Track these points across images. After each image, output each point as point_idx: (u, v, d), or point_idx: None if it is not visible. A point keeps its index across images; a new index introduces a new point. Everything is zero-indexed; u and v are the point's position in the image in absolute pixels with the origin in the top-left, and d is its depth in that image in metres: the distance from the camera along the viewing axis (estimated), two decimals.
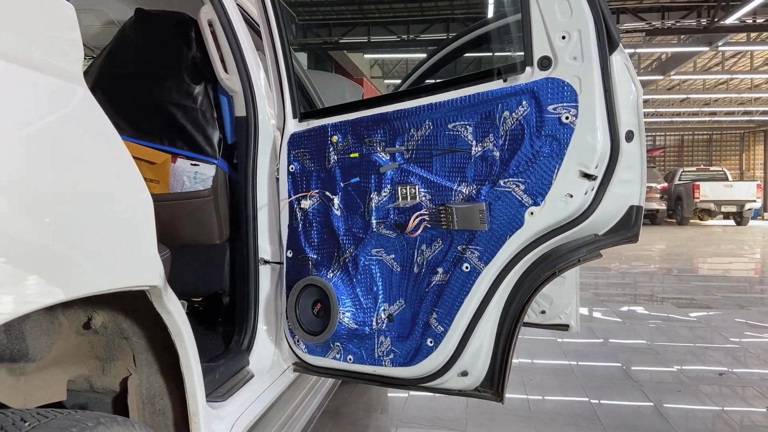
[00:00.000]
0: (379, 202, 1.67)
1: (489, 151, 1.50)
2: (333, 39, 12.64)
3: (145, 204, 1.04)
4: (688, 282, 7.41)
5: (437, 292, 1.60)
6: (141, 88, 2.00)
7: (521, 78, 1.45)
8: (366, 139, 1.69)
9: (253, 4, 2.30)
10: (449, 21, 12.20)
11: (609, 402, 3.18)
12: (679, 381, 3.52)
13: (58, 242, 0.83)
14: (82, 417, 0.87)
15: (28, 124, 0.82)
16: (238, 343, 1.88)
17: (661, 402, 3.16)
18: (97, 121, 0.96)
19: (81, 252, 0.87)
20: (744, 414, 3.01)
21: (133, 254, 1.00)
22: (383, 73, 18.55)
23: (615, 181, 1.40)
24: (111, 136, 1.00)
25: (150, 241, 1.05)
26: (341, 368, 1.77)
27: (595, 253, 1.48)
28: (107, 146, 0.98)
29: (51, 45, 0.91)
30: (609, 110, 1.36)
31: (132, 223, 1.00)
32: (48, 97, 0.88)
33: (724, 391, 3.36)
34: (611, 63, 1.35)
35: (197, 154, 1.98)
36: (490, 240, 1.50)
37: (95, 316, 1.20)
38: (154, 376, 1.30)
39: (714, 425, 2.87)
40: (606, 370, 3.77)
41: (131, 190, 1.02)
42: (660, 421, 2.90)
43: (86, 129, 0.94)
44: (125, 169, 1.01)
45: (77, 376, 1.31)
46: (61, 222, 0.84)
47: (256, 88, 1.91)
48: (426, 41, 12.46)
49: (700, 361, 3.94)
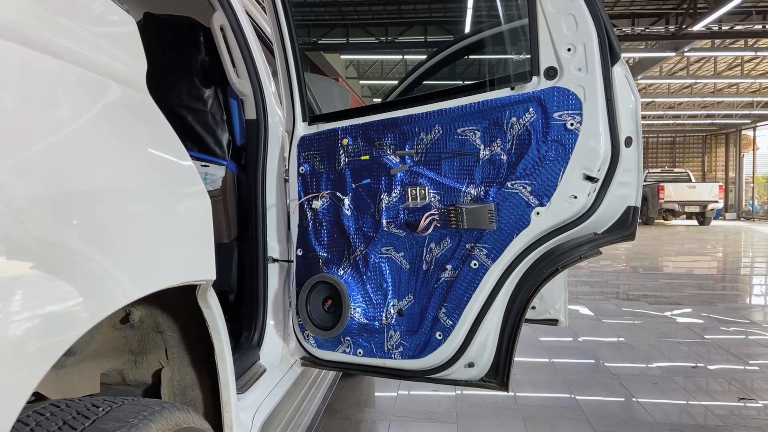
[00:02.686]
0: (390, 202, 1.76)
1: (497, 154, 1.60)
2: (312, 40, 12.67)
3: (205, 202, 1.10)
4: (656, 280, 7.67)
5: (446, 288, 1.69)
6: (154, 91, 2.04)
7: (528, 86, 1.55)
8: (376, 142, 1.77)
9: (260, 12, 2.36)
10: (427, 24, 12.34)
11: (591, 397, 3.31)
12: (655, 375, 3.69)
13: (133, 240, 0.89)
14: (147, 402, 0.93)
15: (110, 130, 0.88)
16: (248, 338, 1.94)
17: (640, 394, 3.31)
18: (163, 127, 1.02)
19: (150, 249, 0.93)
20: (719, 406, 3.18)
21: (197, 250, 1.06)
22: (358, 73, 18.61)
23: (615, 184, 1.51)
24: (174, 140, 1.06)
25: (209, 237, 1.11)
26: (351, 362, 1.85)
27: (595, 251, 1.59)
28: (173, 150, 1.04)
29: (117, 55, 0.97)
30: (610, 117, 1.47)
31: (195, 220, 1.07)
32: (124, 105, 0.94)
33: (698, 383, 3.53)
34: (613, 74, 1.47)
35: (207, 155, 2.03)
36: (498, 238, 1.60)
37: (134, 312, 1.26)
38: (186, 368, 1.36)
39: (691, 416, 3.03)
40: (585, 365, 3.92)
41: (194, 189, 1.08)
42: (640, 413, 3.05)
43: (157, 136, 1.00)
44: (188, 170, 1.07)
45: (110, 370, 1.36)
46: (138, 222, 0.90)
47: (266, 91, 1.98)
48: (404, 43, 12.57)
49: (674, 356, 4.12)
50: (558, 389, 3.42)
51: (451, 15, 12.05)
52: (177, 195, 1.04)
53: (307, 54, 13.80)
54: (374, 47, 12.97)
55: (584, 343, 4.43)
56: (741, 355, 4.10)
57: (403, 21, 12.52)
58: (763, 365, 3.88)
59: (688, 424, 2.89)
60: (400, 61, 16.50)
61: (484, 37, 2.14)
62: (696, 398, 3.25)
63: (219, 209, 2.04)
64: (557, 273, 1.60)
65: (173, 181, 1.04)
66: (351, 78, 17.98)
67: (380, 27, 12.63)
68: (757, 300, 6.70)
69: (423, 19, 12.37)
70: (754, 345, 4.39)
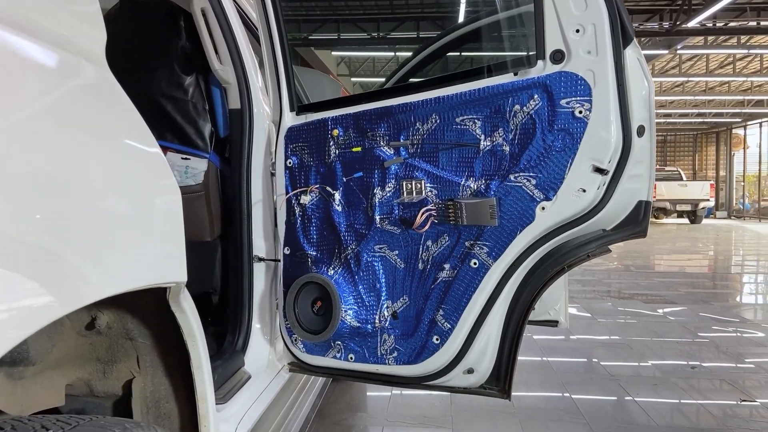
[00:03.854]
0: (383, 197, 1.64)
1: (498, 145, 1.48)
2: (302, 35, 12.51)
3: (175, 195, 0.98)
4: (651, 279, 7.61)
5: (443, 289, 1.58)
6: (128, 78, 1.91)
7: (532, 72, 1.44)
8: (369, 133, 1.66)
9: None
10: (419, 19, 12.22)
11: (588, 396, 3.22)
12: (653, 375, 3.60)
13: (85, 237, 0.77)
14: (107, 422, 0.81)
15: (55, 109, 0.76)
16: (232, 343, 1.82)
17: (639, 395, 3.22)
18: (127, 108, 0.90)
19: (111, 247, 0.81)
20: (719, 406, 3.09)
21: (165, 249, 0.94)
22: (350, 71, 18.46)
23: (626, 176, 1.40)
24: (138, 123, 0.94)
25: (179, 235, 0.99)
26: (342, 368, 1.74)
27: (604, 249, 1.48)
28: (136, 135, 0.92)
29: (69, 20, 0.85)
30: (622, 104, 1.36)
31: (163, 215, 0.95)
32: (71, 79, 0.81)
33: (697, 384, 3.44)
34: (625, 57, 1.36)
35: (188, 147, 1.91)
36: (500, 235, 1.49)
37: (100, 316, 1.14)
38: (160, 378, 1.24)
39: (690, 417, 2.94)
40: (582, 365, 3.83)
41: (162, 181, 0.96)
42: (640, 415, 2.95)
43: (114, 116, 0.87)
44: (154, 159, 0.95)
45: (76, 380, 1.23)
46: (91, 216, 0.78)
47: (250, 79, 1.86)
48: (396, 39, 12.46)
49: (672, 356, 4.04)
50: (554, 390, 3.32)
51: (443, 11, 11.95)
52: (141, 186, 0.92)
53: (298, 50, 13.66)
54: (366, 43, 12.84)
55: (580, 343, 4.34)
56: (738, 354, 4.03)
57: (395, 16, 12.39)
58: (758, 363, 3.81)
59: (691, 427, 2.80)
60: (392, 58, 16.39)
61: (486, 21, 2.01)
62: (698, 399, 3.16)
63: (201, 205, 1.92)
64: (563, 273, 1.50)
65: (137, 170, 0.91)
66: (343, 75, 17.84)
67: (372, 22, 12.50)
68: (751, 299, 6.65)
69: (415, 15, 12.26)
70: (750, 344, 4.32)
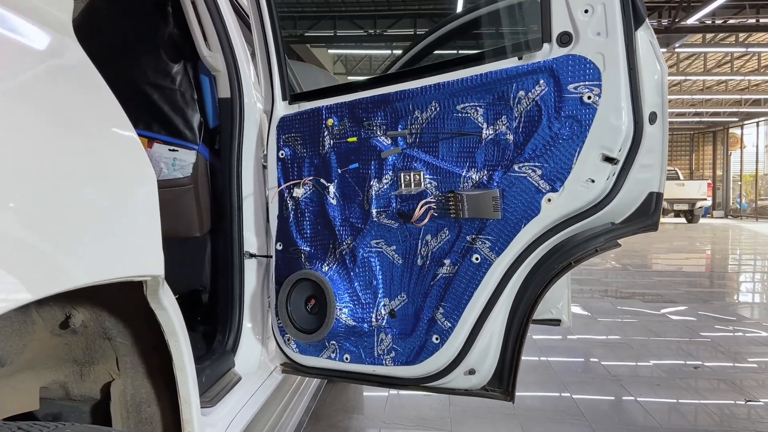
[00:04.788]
0: (380, 189, 1.56)
1: (502, 134, 1.41)
2: (298, 32, 12.41)
3: (149, 181, 0.90)
4: (650, 278, 7.55)
5: (444, 286, 1.50)
6: (112, 66, 1.82)
7: (538, 55, 1.36)
8: (365, 122, 1.58)
9: None
10: (417, 16, 12.13)
11: (589, 397, 3.15)
12: (655, 375, 3.53)
13: (48, 224, 0.69)
14: (75, 430, 0.73)
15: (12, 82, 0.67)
16: (222, 343, 1.74)
17: (641, 396, 3.15)
18: (94, 83, 0.82)
19: (77, 235, 0.73)
20: (722, 406, 3.02)
21: (138, 239, 0.86)
22: (347, 69, 18.37)
23: (636, 166, 1.32)
24: (109, 100, 0.85)
25: (154, 224, 0.91)
26: (337, 368, 1.65)
27: (613, 243, 1.40)
28: (106, 113, 0.84)
29: None
30: (633, 89, 1.28)
31: (137, 203, 0.86)
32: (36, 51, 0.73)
33: (701, 384, 3.38)
34: (636, 39, 1.28)
35: (176, 138, 1.82)
36: (503, 229, 1.41)
37: (74, 314, 1.05)
38: (141, 380, 1.16)
39: (695, 419, 2.87)
40: (583, 365, 3.76)
41: (135, 166, 0.87)
42: (643, 416, 2.88)
43: (82, 92, 0.79)
44: (128, 142, 0.87)
45: (51, 383, 1.15)
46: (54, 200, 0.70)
47: (241, 67, 1.77)
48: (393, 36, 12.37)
49: (673, 355, 3.97)
50: (555, 391, 3.25)
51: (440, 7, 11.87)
52: (112, 171, 0.83)
53: (294, 48, 13.57)
54: (362, 40, 12.74)
55: (580, 342, 4.27)
56: (739, 354, 3.96)
57: (392, 13, 12.30)
58: (760, 363, 3.75)
59: (694, 428, 2.72)
60: (388, 56, 16.33)
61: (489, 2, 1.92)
62: (701, 399, 3.09)
63: (189, 199, 1.84)
64: (570, 268, 1.42)
65: (108, 153, 0.83)
66: (339, 74, 17.75)
67: (369, 19, 12.40)
68: (751, 297, 6.60)
69: (412, 12, 12.16)
70: (750, 343, 4.25)
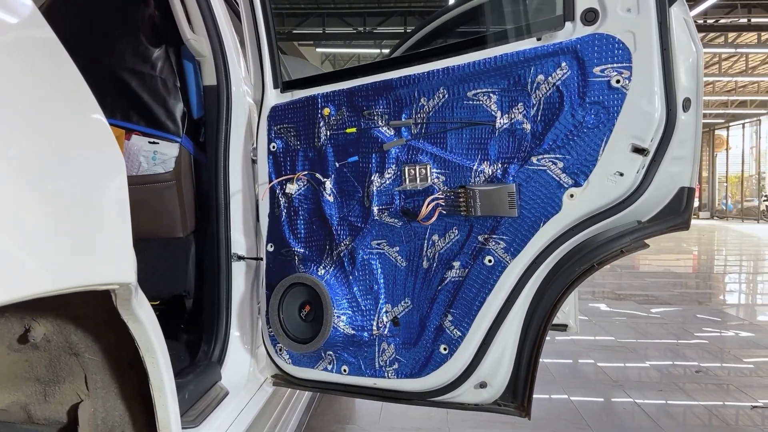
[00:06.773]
0: (382, 185, 1.42)
1: (518, 123, 1.27)
2: (285, 29, 12.25)
3: (119, 174, 0.76)
4: (642, 279, 7.50)
5: (452, 291, 1.36)
6: (87, 50, 1.67)
7: (559, 35, 1.23)
8: (365, 111, 1.44)
9: None
10: (406, 14, 12.03)
11: (589, 399, 3.06)
12: (655, 377, 3.44)
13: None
14: None
15: None
16: (207, 354, 1.60)
17: (642, 399, 3.06)
18: (61, 64, 0.68)
19: (25, 237, 0.58)
20: (728, 408, 2.93)
21: (102, 239, 0.71)
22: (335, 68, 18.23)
23: (668, 158, 1.19)
24: (78, 82, 0.71)
25: (124, 227, 0.77)
26: (334, 381, 1.51)
27: (640, 243, 1.27)
28: (73, 97, 0.70)
29: None
30: (666, 73, 1.15)
31: (103, 200, 0.72)
32: None
33: (701, 387, 3.29)
34: (671, 16, 1.15)
35: (156, 130, 1.68)
36: (520, 228, 1.28)
37: (35, 327, 0.91)
38: (114, 401, 1.01)
39: (700, 422, 2.77)
40: (581, 367, 3.67)
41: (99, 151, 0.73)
42: (645, 420, 2.78)
43: (47, 74, 0.65)
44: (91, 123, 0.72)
45: (11, 404, 1.01)
46: None
47: (228, 52, 1.63)
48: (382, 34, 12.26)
49: (671, 357, 3.89)
50: (554, 393, 3.14)
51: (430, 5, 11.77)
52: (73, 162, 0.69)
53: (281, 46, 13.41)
54: (352, 38, 12.62)
55: (576, 344, 4.17)
56: (738, 354, 3.89)
57: (382, 11, 12.18)
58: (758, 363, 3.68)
59: None
60: (378, 55, 16.24)
61: None
62: (703, 402, 2.99)
63: (171, 196, 1.70)
64: (592, 272, 1.29)
65: (64, 135, 0.68)
66: None
67: (358, 17, 12.27)
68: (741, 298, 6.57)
69: (402, 9, 12.05)
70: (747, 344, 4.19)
